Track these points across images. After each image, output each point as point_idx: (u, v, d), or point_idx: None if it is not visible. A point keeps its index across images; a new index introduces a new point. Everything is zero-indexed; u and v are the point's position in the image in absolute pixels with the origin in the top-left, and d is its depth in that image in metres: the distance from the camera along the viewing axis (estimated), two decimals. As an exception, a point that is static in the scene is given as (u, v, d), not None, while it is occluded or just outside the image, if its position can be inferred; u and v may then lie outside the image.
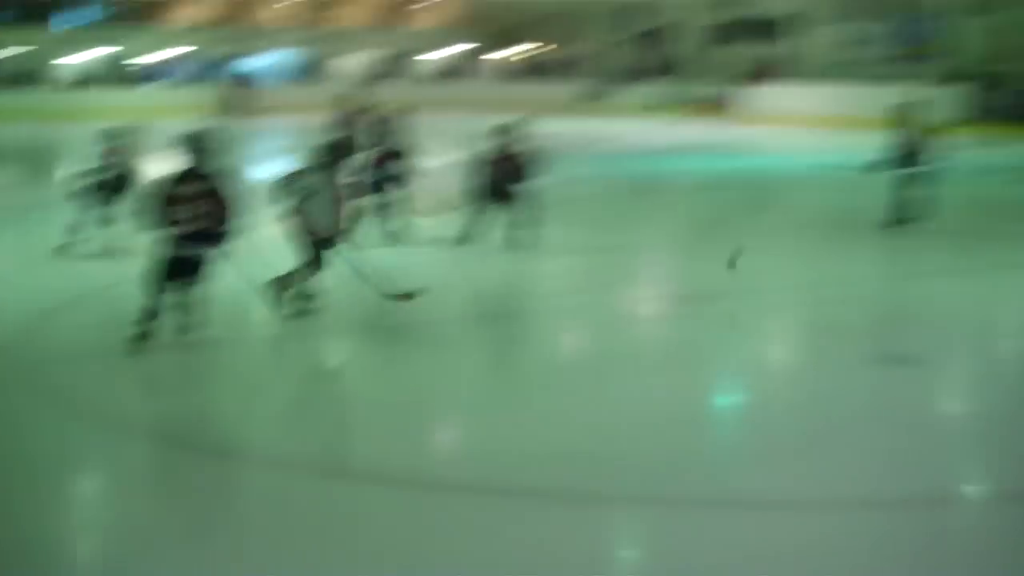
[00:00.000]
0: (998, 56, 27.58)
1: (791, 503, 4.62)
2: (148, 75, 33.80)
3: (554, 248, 10.19)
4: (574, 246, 10.73)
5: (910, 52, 30.52)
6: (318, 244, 7.42)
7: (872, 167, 11.42)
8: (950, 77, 27.79)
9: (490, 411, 6.03)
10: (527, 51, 44.52)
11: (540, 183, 10.54)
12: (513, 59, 44.62)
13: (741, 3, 36.15)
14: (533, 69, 43.19)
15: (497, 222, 10.28)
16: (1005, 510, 4.61)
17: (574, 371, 6.82)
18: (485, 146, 10.39)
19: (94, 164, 9.76)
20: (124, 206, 9.04)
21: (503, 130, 10.42)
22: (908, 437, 5.39)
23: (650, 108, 35.74)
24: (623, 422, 5.66)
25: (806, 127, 27.89)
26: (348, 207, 7.67)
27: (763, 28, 35.58)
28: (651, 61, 39.11)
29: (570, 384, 6.41)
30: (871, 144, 11.59)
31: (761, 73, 34.31)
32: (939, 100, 26.94)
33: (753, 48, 35.37)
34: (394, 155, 10.92)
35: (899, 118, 11.45)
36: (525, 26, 43.92)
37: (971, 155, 16.40)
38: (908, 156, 11.24)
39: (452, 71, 42.21)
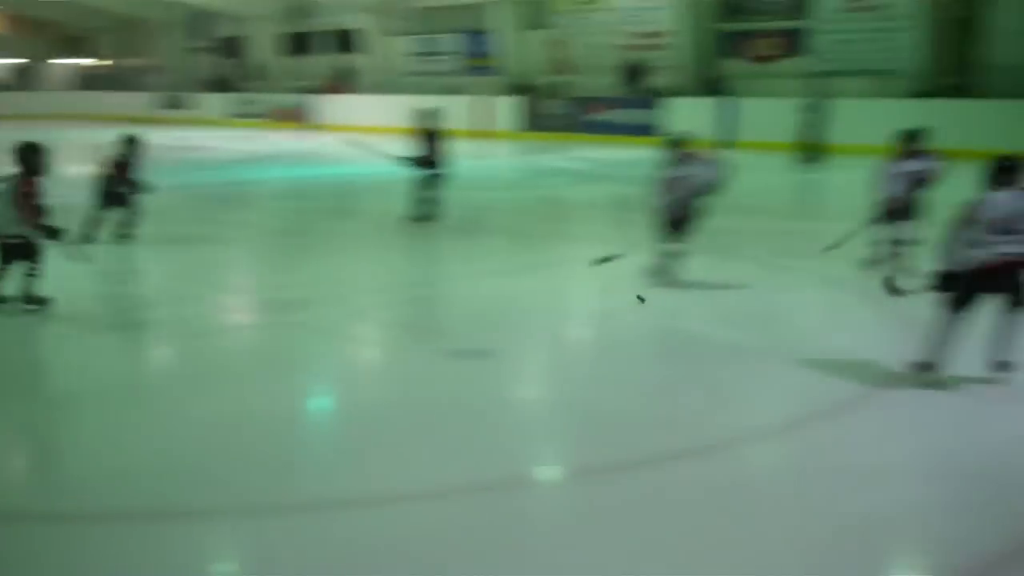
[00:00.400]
0: (555, 69, 29.88)
1: (389, 497, 4.64)
2: None
3: (138, 259, 9.74)
4: (161, 257, 10.45)
5: (474, 64, 32.27)
6: None
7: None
8: (511, 89, 29.75)
9: (73, 428, 5.62)
10: (95, 61, 42.16)
11: (140, 192, 10.99)
12: (84, 68, 42.07)
13: (315, 14, 36.43)
14: (103, 79, 41.01)
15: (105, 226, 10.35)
16: (579, 488, 4.89)
17: (161, 384, 6.46)
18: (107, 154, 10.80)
19: None
20: None
21: (122, 141, 11.01)
22: (490, 426, 5.60)
23: (229, 118, 35.16)
24: (217, 434, 5.42)
25: (381, 135, 28.58)
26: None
27: (338, 39, 36.12)
28: (228, 70, 38.43)
29: (155, 398, 6.06)
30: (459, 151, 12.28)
31: (337, 84, 34.84)
32: (501, 109, 28.98)
33: (329, 59, 35.83)
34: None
35: (420, 124, 12.59)
36: (93, 34, 41.56)
37: (527, 160, 17.73)
38: (426, 160, 12.49)
39: (13, 81, 39.09)
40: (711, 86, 25.52)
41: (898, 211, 9.17)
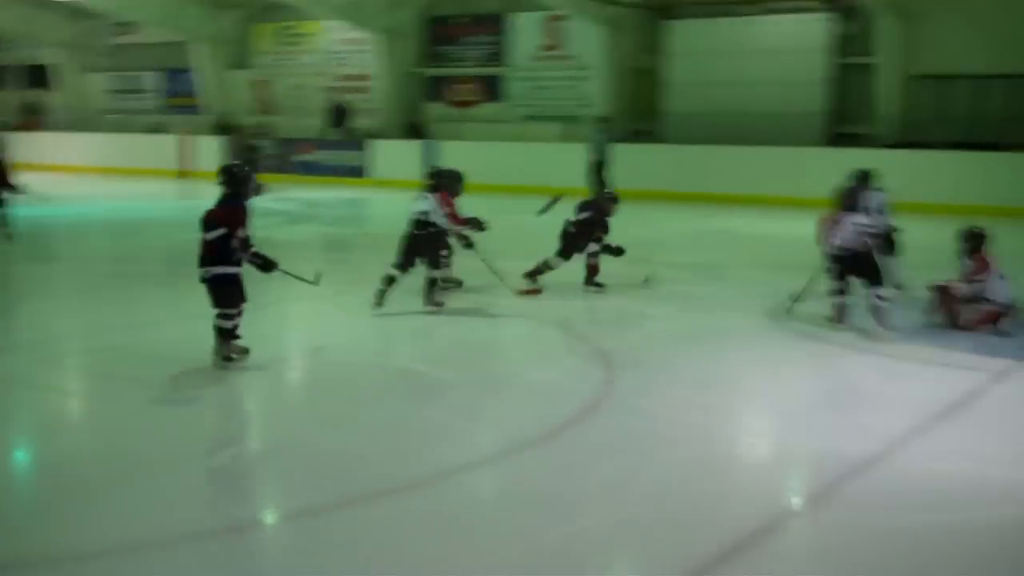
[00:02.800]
0: (260, 109, 29.58)
1: (102, 551, 4.50)
2: None
3: None
4: None
5: (176, 103, 31.46)
6: None
7: None
8: (215, 128, 29.19)
9: None
10: None
11: None
12: None
13: (5, 48, 34.45)
14: None
15: None
16: (300, 528, 4.90)
17: None
18: None
19: None
20: None
21: None
22: (205, 472, 5.54)
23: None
24: None
25: (78, 174, 27.31)
26: None
27: (31, 74, 34.32)
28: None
29: None
30: (145, 190, 11.85)
31: (31, 119, 32.99)
32: (205, 149, 28.33)
33: (24, 94, 33.96)
34: None
35: None
36: None
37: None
38: None
39: None
40: (414, 129, 26.12)
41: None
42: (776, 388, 7.36)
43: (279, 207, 20.11)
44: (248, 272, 7.56)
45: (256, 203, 17.46)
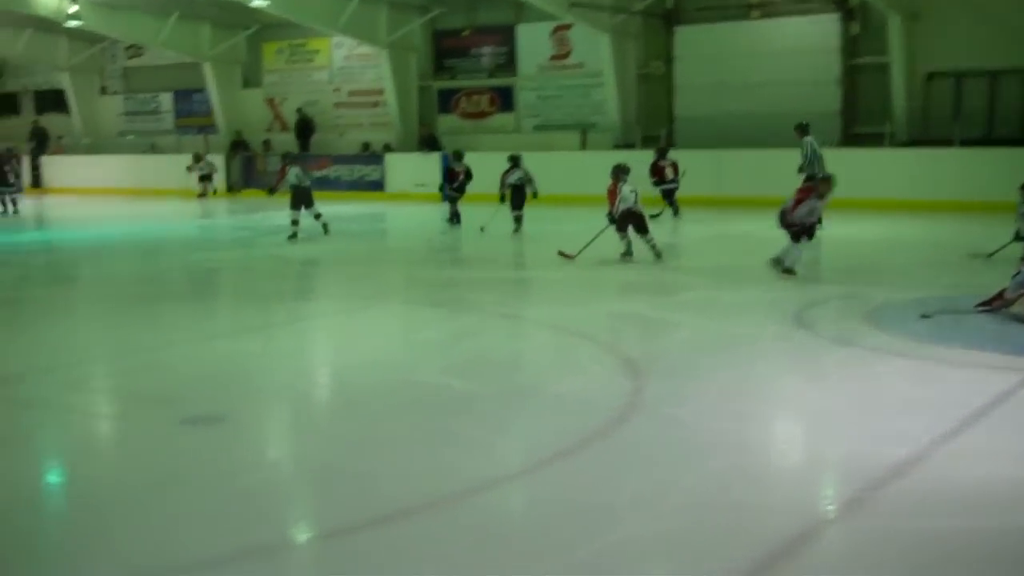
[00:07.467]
0: (273, 127, 29.73)
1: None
2: None
3: None
4: None
5: (189, 123, 31.64)
6: None
7: None
8: (228, 147, 29.47)
9: None
10: None
11: None
12: None
13: (19, 73, 34.78)
14: None
15: None
16: (330, 550, 4.86)
17: None
18: None
19: None
20: None
21: None
22: (234, 493, 5.48)
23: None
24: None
25: (97, 196, 27.47)
26: None
27: (45, 99, 34.64)
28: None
29: None
30: (163, 210, 11.87)
31: (44, 145, 33.25)
32: (219, 168, 28.47)
33: (41, 118, 34.25)
34: None
35: None
36: None
37: (250, 218, 17.53)
38: None
39: None
40: (427, 142, 26.15)
41: None
42: (807, 394, 7.30)
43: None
44: (267, 294, 7.54)
45: (269, 220, 17.56)
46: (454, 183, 18.42)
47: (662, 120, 24.08)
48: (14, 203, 23.64)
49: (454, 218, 18.67)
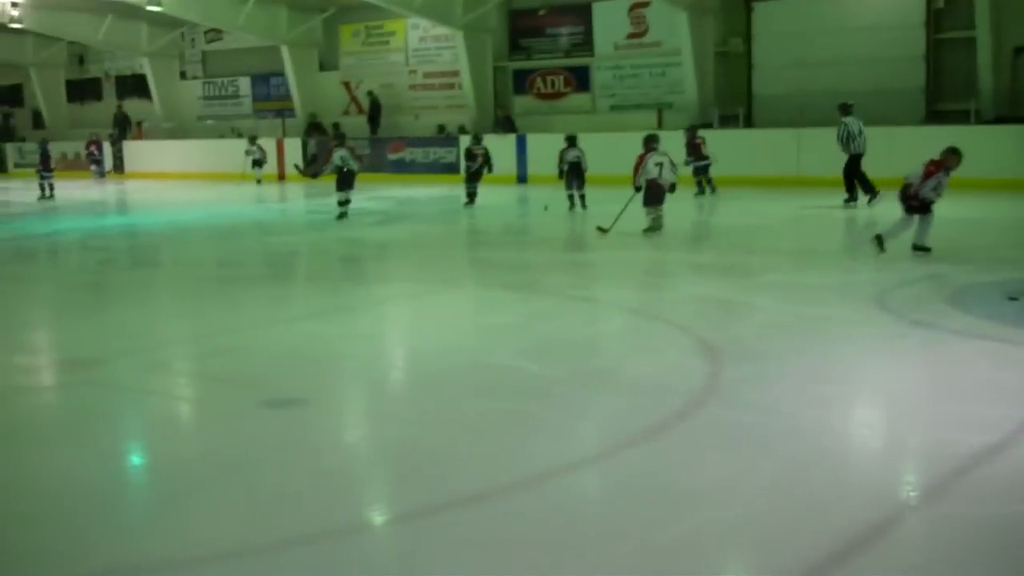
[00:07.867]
0: (350, 110, 29.95)
1: (217, 555, 4.54)
2: None
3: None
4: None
5: (267, 107, 32.04)
6: None
7: None
8: (306, 130, 29.81)
9: None
10: None
11: None
12: None
13: (101, 60, 35.46)
14: None
15: None
16: (405, 531, 4.88)
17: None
18: None
19: None
20: None
21: None
22: (311, 473, 5.54)
23: (13, 168, 33.66)
24: (24, 506, 5.21)
25: (177, 181, 27.95)
26: None
27: (126, 84, 35.27)
28: (11, 119, 37.04)
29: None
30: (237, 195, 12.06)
31: (125, 130, 33.92)
32: (297, 151, 28.81)
33: (123, 103, 34.92)
34: None
35: None
36: None
37: (326, 201, 17.73)
38: None
39: None
40: (506, 123, 26.14)
41: None
42: (888, 378, 7.15)
43: (370, 206, 20.32)
44: (344, 277, 7.60)
45: (352, 203, 17.77)
46: (473, 165, 19.19)
47: (740, 99, 23.77)
48: (51, 188, 24.87)
49: (470, 198, 19.47)
